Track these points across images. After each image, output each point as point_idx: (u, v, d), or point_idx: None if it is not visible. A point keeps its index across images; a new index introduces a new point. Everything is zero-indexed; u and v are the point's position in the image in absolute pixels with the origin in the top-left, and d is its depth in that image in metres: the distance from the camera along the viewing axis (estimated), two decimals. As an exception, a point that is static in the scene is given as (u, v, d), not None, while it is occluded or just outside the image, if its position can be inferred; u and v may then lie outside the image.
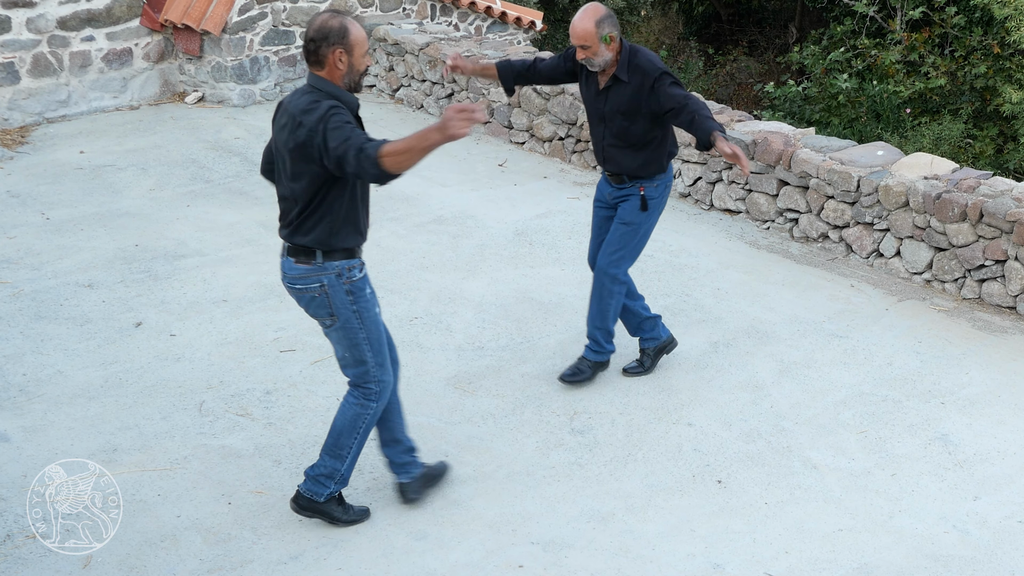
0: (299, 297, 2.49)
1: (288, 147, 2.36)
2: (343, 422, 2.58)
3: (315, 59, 2.36)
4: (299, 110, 2.34)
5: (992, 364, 3.41)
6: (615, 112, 3.02)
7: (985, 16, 7.95)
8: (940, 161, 4.13)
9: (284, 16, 6.27)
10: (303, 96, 2.38)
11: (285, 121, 2.38)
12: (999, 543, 2.60)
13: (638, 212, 3.10)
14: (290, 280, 2.47)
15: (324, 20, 2.36)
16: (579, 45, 2.92)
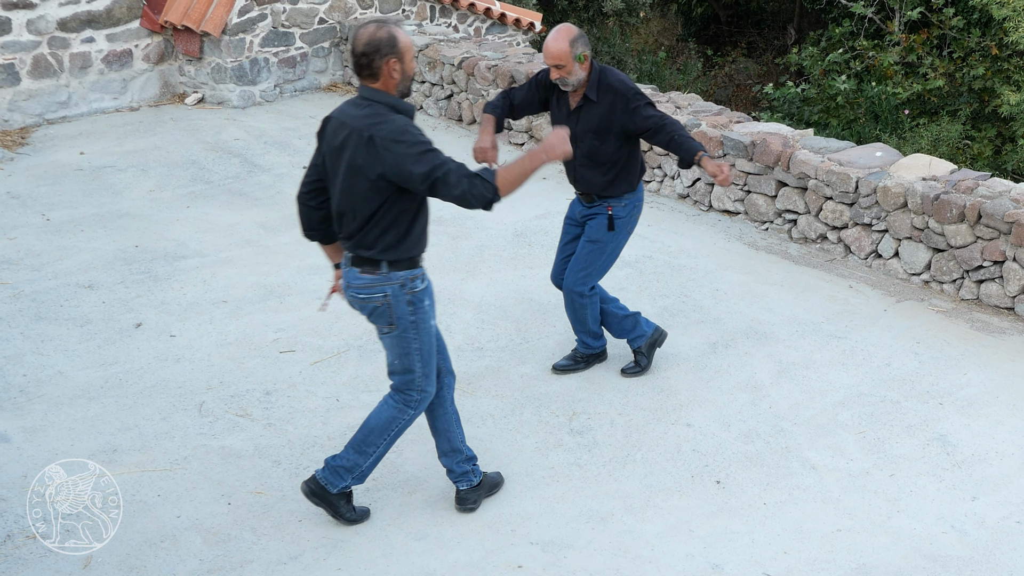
0: (361, 306, 2.50)
1: (353, 162, 2.35)
2: (377, 421, 2.58)
3: (368, 72, 2.35)
4: (365, 124, 2.33)
5: (990, 365, 3.42)
6: (586, 132, 3.04)
7: (983, 17, 7.97)
8: (938, 162, 4.14)
9: (284, 18, 6.28)
10: (362, 109, 2.36)
11: (345, 135, 2.36)
12: (997, 543, 2.61)
13: (605, 231, 3.14)
14: (355, 290, 2.48)
15: (371, 33, 2.33)
16: (554, 65, 2.94)
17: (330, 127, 2.44)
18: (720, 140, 4.59)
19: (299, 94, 6.42)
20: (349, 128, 2.37)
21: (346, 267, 2.49)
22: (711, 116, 4.79)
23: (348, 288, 2.49)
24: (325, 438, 3.05)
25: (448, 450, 2.69)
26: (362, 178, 2.35)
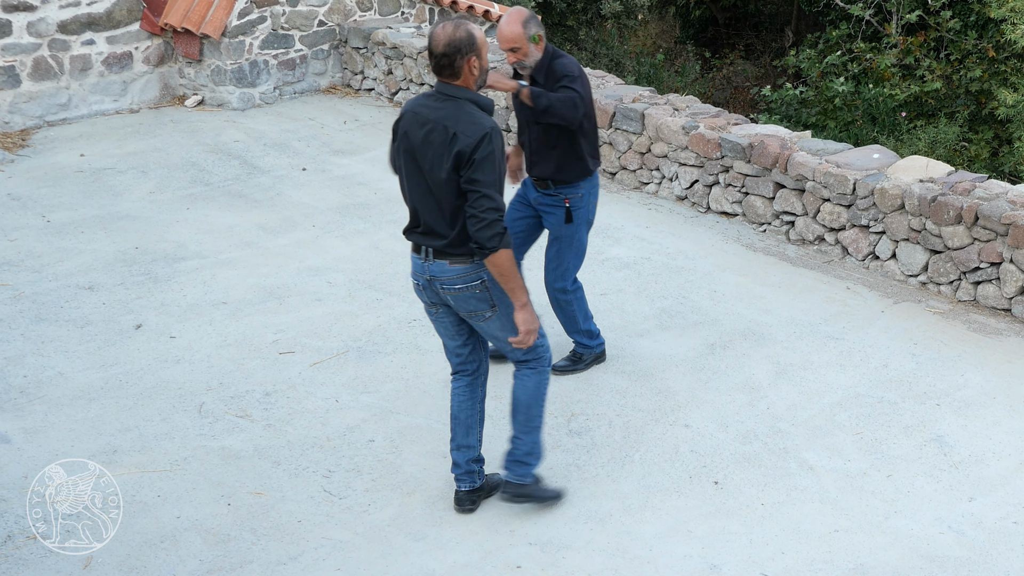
0: (457, 297, 2.51)
1: (438, 154, 2.39)
2: (527, 395, 2.63)
3: (450, 72, 2.41)
4: (452, 119, 2.38)
5: (987, 366, 3.43)
6: (534, 115, 3.03)
7: (980, 20, 8.00)
8: (935, 164, 4.15)
9: (283, 20, 6.30)
10: (444, 101, 2.41)
11: (430, 129, 2.41)
12: (994, 544, 2.62)
13: (563, 225, 3.14)
14: (448, 282, 2.49)
15: (450, 33, 2.38)
16: (509, 48, 2.95)
17: (406, 120, 2.48)
18: (718, 142, 4.60)
19: (298, 96, 6.43)
20: (433, 122, 2.41)
21: (424, 263, 2.50)
22: (709, 118, 4.80)
23: (437, 281, 2.50)
24: (324, 439, 3.06)
25: (464, 445, 2.69)
26: (447, 168, 2.39)
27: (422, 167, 2.44)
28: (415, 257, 2.55)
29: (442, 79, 2.43)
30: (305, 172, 5.23)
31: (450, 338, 2.65)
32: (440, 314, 2.60)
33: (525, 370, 2.65)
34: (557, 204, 3.13)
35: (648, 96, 5.14)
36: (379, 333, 3.65)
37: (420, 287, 2.58)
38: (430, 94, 2.47)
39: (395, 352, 3.53)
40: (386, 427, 3.11)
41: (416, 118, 2.45)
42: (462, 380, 2.68)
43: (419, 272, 2.55)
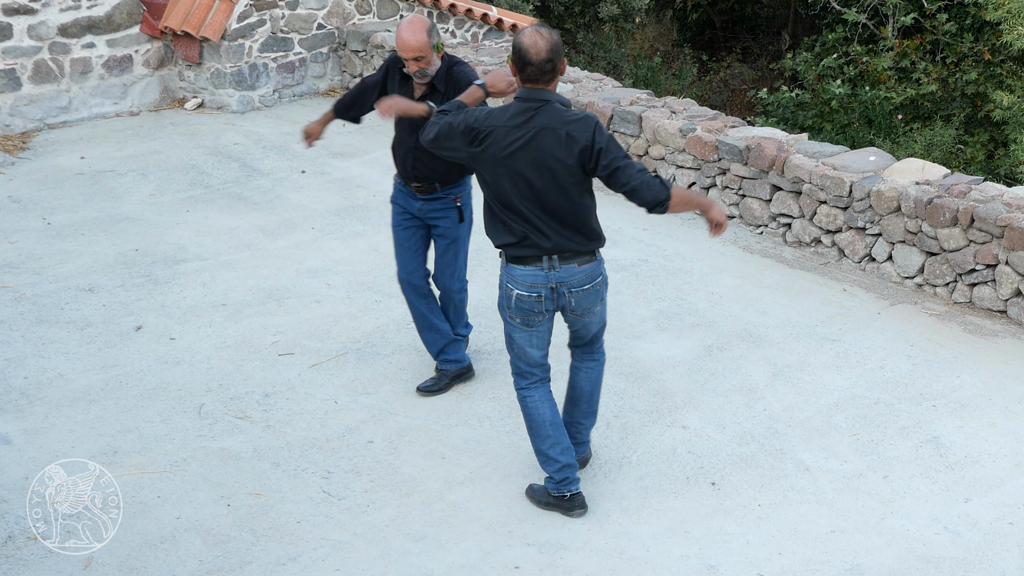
0: (581, 296, 2.59)
1: (560, 159, 2.44)
2: (591, 385, 2.80)
3: (550, 77, 2.46)
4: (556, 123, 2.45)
5: (983, 367, 3.44)
6: None
7: (976, 23, 8.04)
8: (931, 166, 4.17)
9: (283, 23, 6.32)
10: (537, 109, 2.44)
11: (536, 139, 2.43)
12: (990, 544, 2.63)
13: (458, 225, 3.15)
14: (577, 284, 2.57)
15: (548, 38, 2.44)
16: (413, 57, 2.92)
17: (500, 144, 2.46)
18: (715, 144, 4.63)
19: (298, 99, 6.45)
20: (537, 131, 2.44)
21: (549, 272, 2.54)
22: (706, 121, 4.83)
23: (564, 285, 2.56)
24: (324, 440, 3.07)
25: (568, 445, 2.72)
26: (569, 173, 2.47)
27: (534, 180, 2.46)
28: (531, 271, 2.53)
29: (540, 85, 2.46)
30: (304, 175, 5.24)
31: (541, 348, 2.67)
32: (541, 325, 2.63)
33: (590, 362, 2.79)
34: (448, 206, 3.11)
35: (645, 99, 5.16)
36: (378, 335, 3.67)
37: (537, 298, 2.56)
38: (511, 107, 2.48)
39: (394, 354, 3.55)
40: (385, 428, 3.12)
41: (509, 132, 2.46)
42: (544, 387, 2.71)
43: (540, 283, 2.54)
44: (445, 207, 3.13)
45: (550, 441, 2.68)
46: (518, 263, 2.56)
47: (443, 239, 3.16)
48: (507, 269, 2.58)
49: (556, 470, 2.69)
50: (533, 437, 2.71)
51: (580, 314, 2.64)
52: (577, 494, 2.72)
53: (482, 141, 2.48)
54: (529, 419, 2.70)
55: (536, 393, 2.69)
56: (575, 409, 2.81)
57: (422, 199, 3.12)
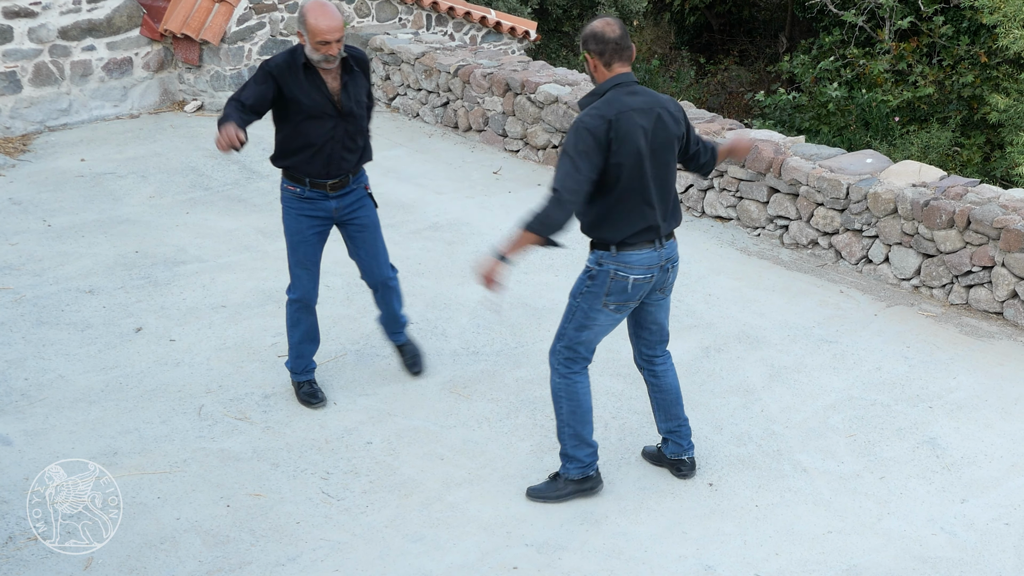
0: (676, 269, 2.72)
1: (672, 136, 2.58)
2: (676, 379, 2.85)
3: (629, 54, 2.54)
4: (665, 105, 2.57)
5: (979, 369, 3.46)
6: (353, 104, 2.93)
7: (972, 26, 8.08)
8: (928, 169, 4.19)
9: (282, 26, 6.34)
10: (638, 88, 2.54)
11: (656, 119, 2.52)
12: (986, 545, 2.64)
13: (375, 211, 3.10)
14: (676, 257, 2.70)
15: (616, 20, 2.56)
16: (336, 39, 2.81)
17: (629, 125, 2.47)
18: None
19: (297, 101, 6.46)
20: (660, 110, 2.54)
21: (660, 251, 2.62)
22: (704, 123, 4.85)
23: (669, 261, 2.66)
24: (322, 441, 3.08)
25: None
26: (672, 153, 2.61)
27: (659, 159, 2.55)
28: (647, 253, 2.58)
29: (623, 65, 2.52)
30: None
31: (607, 333, 2.72)
32: (629, 311, 2.69)
33: (669, 359, 2.84)
34: (361, 196, 3.04)
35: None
36: (376, 336, 3.68)
37: (649, 279, 2.62)
38: (622, 91, 2.51)
39: (392, 355, 3.56)
40: (383, 429, 3.13)
41: (635, 116, 2.49)
42: (587, 374, 2.76)
43: (654, 263, 2.61)
44: (359, 197, 3.03)
45: (591, 427, 2.76)
46: (633, 248, 2.57)
47: (366, 229, 3.06)
48: (618, 258, 2.57)
49: (589, 454, 2.77)
50: (576, 422, 2.72)
51: (668, 291, 2.73)
52: (598, 471, 2.82)
53: (618, 132, 2.46)
54: (575, 404, 2.71)
55: (585, 379, 2.73)
56: (677, 408, 2.83)
57: (335, 196, 3.01)
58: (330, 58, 2.87)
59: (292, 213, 3.04)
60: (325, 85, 2.92)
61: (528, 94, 5.54)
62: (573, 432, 2.74)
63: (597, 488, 2.80)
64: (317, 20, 2.81)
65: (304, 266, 3.06)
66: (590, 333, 2.68)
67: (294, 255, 3.06)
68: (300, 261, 3.06)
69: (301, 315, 3.14)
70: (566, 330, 2.68)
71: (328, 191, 3.01)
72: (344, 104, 2.95)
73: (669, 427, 2.85)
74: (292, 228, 3.04)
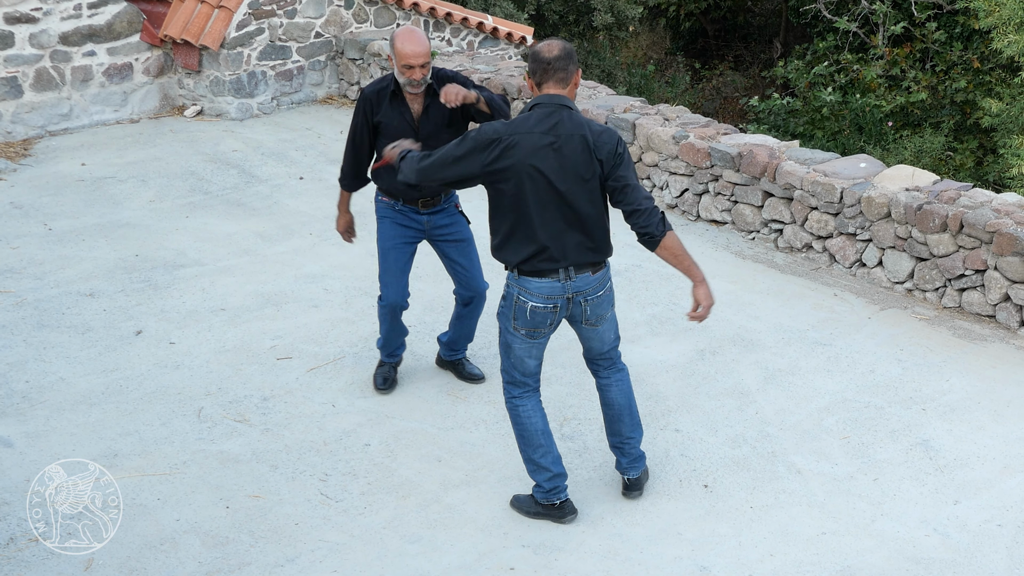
0: (595, 304, 2.59)
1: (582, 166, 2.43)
2: (629, 393, 2.76)
3: (564, 77, 2.45)
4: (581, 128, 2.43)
5: (972, 371, 3.48)
6: (439, 128, 3.00)
7: (965, 31, 8.14)
8: (921, 173, 4.22)
9: (281, 32, 6.38)
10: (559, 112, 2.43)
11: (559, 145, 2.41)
12: (979, 546, 2.66)
13: (467, 226, 3.17)
14: (592, 291, 2.57)
15: (561, 43, 2.46)
16: (422, 64, 2.90)
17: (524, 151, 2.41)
18: (708, 151, 4.68)
19: (296, 107, 6.50)
20: (570, 135, 2.42)
21: (566, 282, 2.52)
22: (699, 128, 4.89)
23: (581, 295, 2.55)
24: (321, 443, 3.10)
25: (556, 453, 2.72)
26: (590, 182, 2.47)
27: (561, 188, 2.43)
28: (547, 283, 2.51)
29: (553, 87, 2.44)
30: (302, 181, 5.29)
31: (538, 359, 2.67)
32: (544, 337, 2.62)
33: (616, 374, 2.74)
34: (452, 214, 3.13)
35: (639, 106, 5.22)
36: (374, 339, 3.70)
37: (552, 309, 2.54)
38: (539, 111, 2.44)
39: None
40: (381, 431, 3.15)
41: (533, 140, 2.42)
42: (535, 396, 2.70)
43: (557, 293, 2.53)
44: (451, 215, 3.15)
45: (542, 450, 2.67)
46: (534, 276, 2.52)
47: (461, 242, 3.17)
48: (519, 282, 2.53)
49: (547, 479, 2.69)
50: (524, 446, 2.69)
51: (595, 322, 2.62)
52: (566, 501, 2.72)
53: (507, 151, 2.42)
54: (520, 428, 2.68)
55: (528, 403, 2.67)
56: (620, 425, 2.75)
57: (427, 213, 3.12)
58: (414, 83, 2.95)
59: (386, 221, 3.14)
60: (409, 110, 3.02)
61: (525, 99, 5.58)
62: (526, 456, 2.70)
63: (566, 518, 2.70)
64: (404, 45, 2.91)
65: (393, 274, 3.14)
66: (513, 357, 2.63)
67: (384, 262, 3.15)
68: (389, 268, 3.14)
69: (387, 316, 3.22)
70: (500, 353, 2.69)
71: (420, 207, 3.11)
72: (423, 128, 3.01)
73: (612, 441, 2.79)
74: (384, 235, 3.14)
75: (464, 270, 3.19)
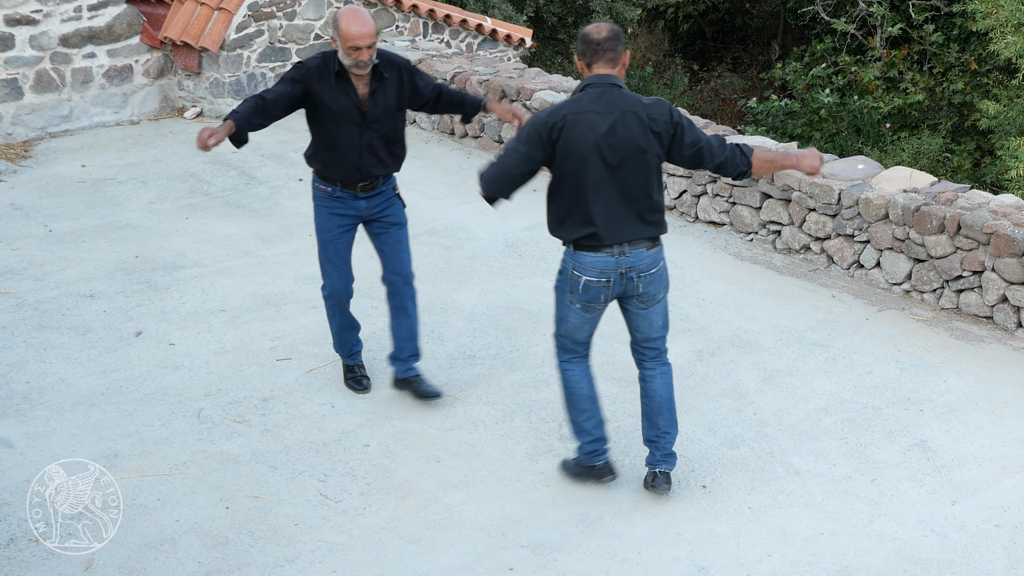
0: (651, 281, 2.65)
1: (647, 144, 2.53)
2: (671, 387, 2.79)
3: (614, 58, 2.54)
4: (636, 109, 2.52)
5: (969, 372, 3.49)
6: (385, 112, 2.95)
7: (963, 33, 8.17)
8: (919, 175, 4.23)
9: (280, 33, 6.39)
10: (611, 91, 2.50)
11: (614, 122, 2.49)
12: (976, 546, 2.67)
13: (403, 209, 3.14)
14: (646, 268, 2.63)
15: (609, 24, 2.57)
16: (368, 45, 2.83)
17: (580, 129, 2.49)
18: (707, 154, 4.70)
19: (295, 108, 6.51)
20: (623, 111, 2.51)
21: (619, 258, 2.59)
22: (698, 131, 4.90)
23: (634, 270, 2.60)
24: (320, 444, 3.11)
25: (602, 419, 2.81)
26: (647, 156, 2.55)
27: (616, 164, 2.52)
28: (601, 257, 2.58)
29: (605, 67, 2.53)
30: (302, 182, 5.29)
31: (591, 332, 2.76)
32: (598, 312, 2.70)
33: (662, 367, 2.78)
34: (389, 196, 3.08)
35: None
36: (374, 340, 3.71)
37: (606, 284, 2.61)
38: (591, 92, 2.52)
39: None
40: (381, 432, 3.16)
41: (589, 118, 2.50)
42: (584, 362, 2.80)
43: (611, 268, 2.60)
44: (388, 198, 3.08)
45: (586, 414, 2.78)
46: (588, 250, 2.58)
47: (395, 227, 3.09)
48: (574, 256, 2.61)
49: (589, 441, 2.81)
50: (570, 409, 2.80)
51: (646, 301, 2.66)
52: (606, 463, 2.83)
53: (560, 132, 2.50)
54: (568, 391, 2.78)
55: (577, 367, 2.76)
56: (659, 419, 2.77)
57: (365, 198, 3.04)
58: (361, 64, 2.87)
59: (323, 211, 3.08)
60: (355, 91, 2.94)
61: (524, 101, 5.59)
62: (569, 418, 2.83)
63: (605, 478, 2.84)
64: (349, 26, 2.83)
65: (334, 264, 3.11)
66: (567, 327, 2.74)
67: (324, 252, 3.11)
68: (330, 259, 3.11)
69: (335, 309, 3.19)
70: (554, 321, 2.79)
71: (358, 192, 3.04)
72: (370, 111, 2.96)
73: (648, 435, 2.83)
74: (323, 226, 3.09)
75: (395, 253, 3.12)
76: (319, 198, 3.10)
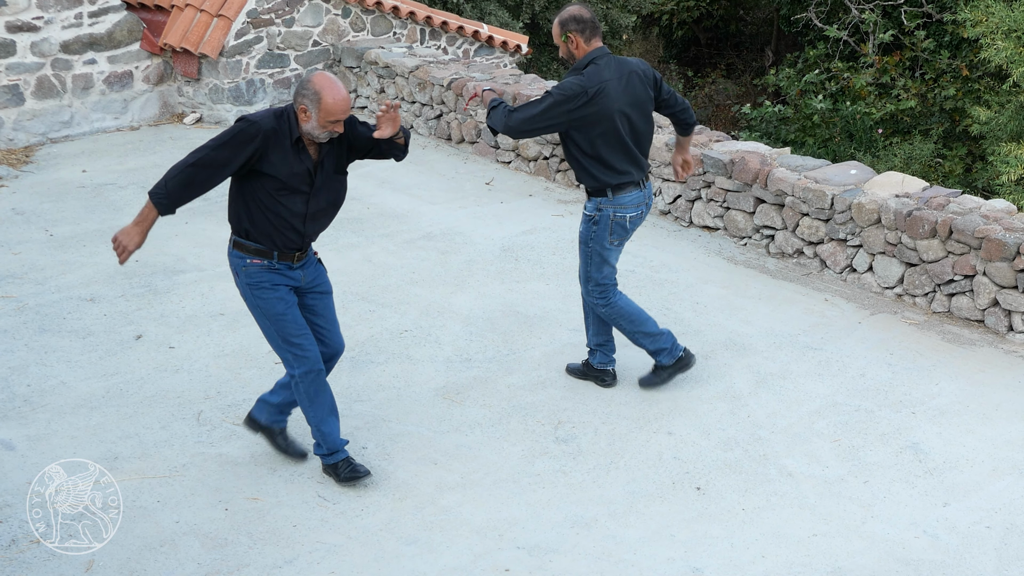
0: (648, 207, 3.27)
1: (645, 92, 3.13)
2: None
3: (600, 32, 3.12)
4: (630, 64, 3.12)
5: (961, 375, 3.51)
6: (332, 175, 2.72)
7: (954, 40, 8.23)
8: (911, 180, 4.27)
9: (279, 40, 6.44)
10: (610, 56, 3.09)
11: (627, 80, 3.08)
12: (967, 548, 2.69)
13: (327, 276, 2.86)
14: (651, 196, 3.26)
15: (582, 6, 3.08)
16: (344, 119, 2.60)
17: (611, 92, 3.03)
18: (700, 158, 4.73)
19: (294, 114, 6.53)
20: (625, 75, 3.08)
21: (644, 190, 3.21)
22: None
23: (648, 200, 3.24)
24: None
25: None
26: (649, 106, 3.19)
27: (635, 117, 3.09)
28: (635, 194, 3.17)
29: (599, 42, 3.08)
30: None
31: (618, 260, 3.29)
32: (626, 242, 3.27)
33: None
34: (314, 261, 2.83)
35: (634, 115, 5.27)
36: (371, 343, 3.74)
37: (639, 216, 3.21)
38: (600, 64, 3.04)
39: (387, 362, 3.62)
40: (378, 435, 3.18)
41: (611, 86, 3.03)
42: (618, 290, 3.29)
43: (643, 200, 3.21)
44: (315, 266, 2.84)
45: (652, 322, 3.30)
46: (623, 191, 3.14)
47: (325, 295, 2.85)
48: (615, 200, 3.14)
49: (666, 338, 3.32)
50: (638, 327, 3.26)
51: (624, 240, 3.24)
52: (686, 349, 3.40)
53: (595, 98, 3.01)
54: (628, 316, 3.25)
55: (621, 296, 3.28)
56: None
57: (299, 267, 2.77)
58: (334, 135, 2.64)
59: (264, 288, 2.72)
60: (311, 160, 2.68)
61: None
62: (643, 333, 3.28)
63: (690, 361, 3.37)
64: (335, 100, 2.55)
65: (301, 333, 2.75)
66: (607, 268, 3.23)
67: (282, 329, 2.73)
68: (291, 332, 2.73)
69: (316, 386, 2.80)
70: (590, 273, 3.23)
71: (294, 262, 2.76)
72: (318, 179, 2.71)
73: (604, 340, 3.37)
74: (269, 302, 2.72)
75: (327, 327, 2.86)
76: (255, 275, 2.71)
